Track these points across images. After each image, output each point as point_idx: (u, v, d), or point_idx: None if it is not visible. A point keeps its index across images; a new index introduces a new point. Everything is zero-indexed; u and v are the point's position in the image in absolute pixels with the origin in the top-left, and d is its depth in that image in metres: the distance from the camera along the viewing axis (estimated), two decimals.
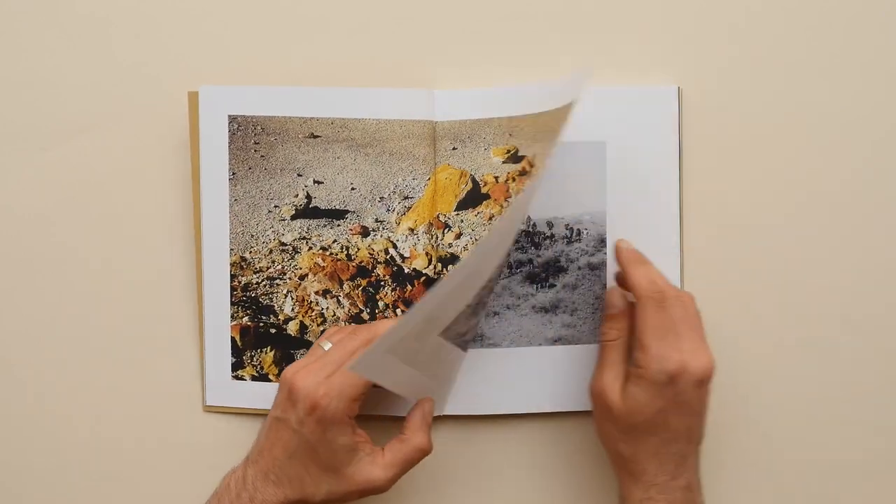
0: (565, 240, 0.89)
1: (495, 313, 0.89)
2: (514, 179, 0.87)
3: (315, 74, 0.88)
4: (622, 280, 0.84)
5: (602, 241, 0.89)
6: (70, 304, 0.90)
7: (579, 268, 0.89)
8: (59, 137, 0.89)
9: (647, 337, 0.79)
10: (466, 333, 0.83)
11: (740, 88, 0.89)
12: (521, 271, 0.89)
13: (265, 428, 0.81)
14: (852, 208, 0.90)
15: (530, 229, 0.89)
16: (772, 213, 0.89)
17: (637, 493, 0.80)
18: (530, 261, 0.89)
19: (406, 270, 0.88)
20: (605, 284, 0.89)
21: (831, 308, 0.90)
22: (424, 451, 0.82)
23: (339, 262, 0.88)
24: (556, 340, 0.89)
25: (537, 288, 0.89)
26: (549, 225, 0.89)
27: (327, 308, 0.89)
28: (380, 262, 0.88)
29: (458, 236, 0.88)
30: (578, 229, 0.89)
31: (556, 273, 0.89)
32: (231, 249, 0.88)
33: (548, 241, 0.89)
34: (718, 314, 0.89)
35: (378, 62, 0.89)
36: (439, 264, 0.88)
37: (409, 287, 0.88)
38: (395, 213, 0.88)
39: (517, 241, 0.88)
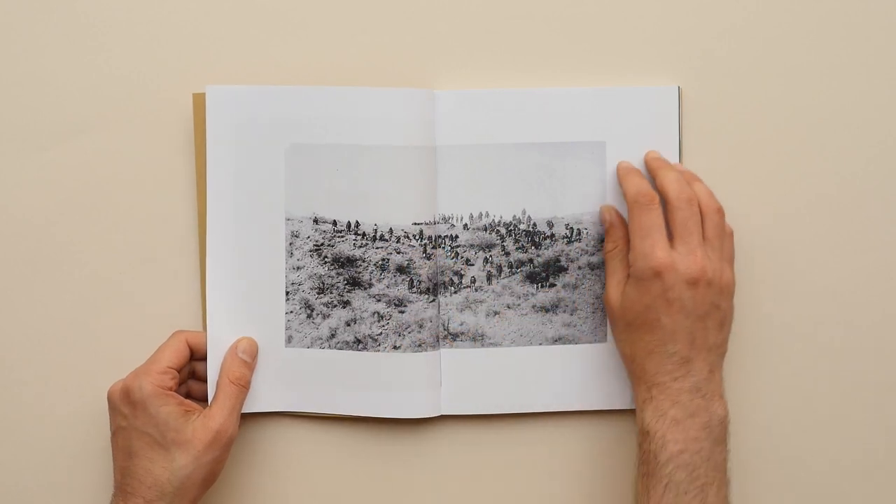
0: (565, 239, 0.89)
1: (495, 313, 0.89)
2: None
3: (316, 75, 0.89)
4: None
5: (602, 241, 0.89)
6: (70, 306, 0.90)
7: (579, 267, 0.89)
8: (59, 138, 0.89)
9: (633, 237, 0.83)
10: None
11: (740, 88, 0.89)
12: (521, 271, 0.89)
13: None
14: (853, 207, 0.90)
15: (530, 229, 0.89)
16: (771, 212, 0.89)
17: (641, 393, 0.83)
18: (530, 260, 0.89)
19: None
20: (605, 284, 0.89)
21: (832, 307, 0.90)
22: (233, 381, 0.85)
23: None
24: (556, 340, 0.89)
25: (537, 287, 0.89)
26: (550, 224, 0.89)
27: None
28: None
29: None
30: (578, 229, 0.89)
31: (557, 273, 0.89)
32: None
33: (548, 241, 0.89)
34: None
35: (379, 62, 0.89)
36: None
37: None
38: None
39: (517, 241, 0.89)
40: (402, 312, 0.88)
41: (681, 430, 0.80)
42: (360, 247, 0.87)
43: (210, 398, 0.86)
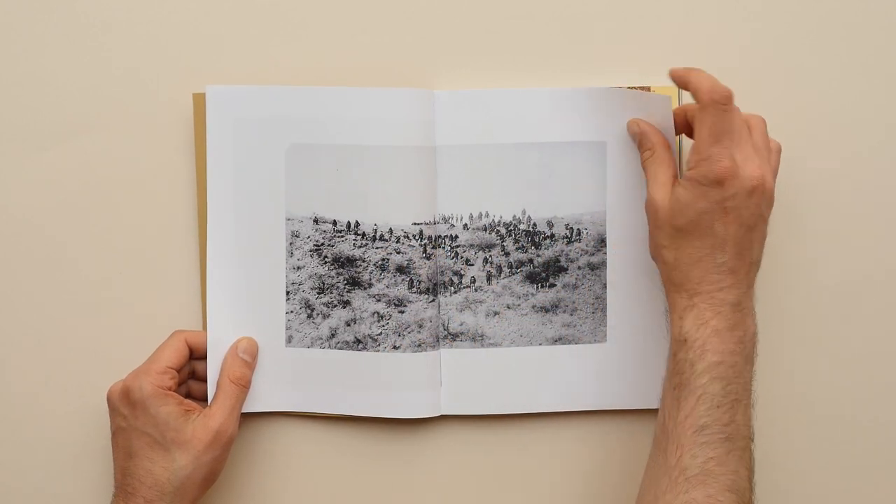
0: (565, 239, 0.89)
1: (495, 313, 0.89)
2: None
3: (316, 75, 0.89)
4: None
5: (602, 241, 0.89)
6: (70, 306, 0.90)
7: (579, 267, 0.89)
8: (59, 138, 0.89)
9: (703, 139, 0.78)
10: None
11: (739, 88, 0.88)
12: (521, 271, 0.89)
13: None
14: (852, 207, 0.90)
15: (530, 229, 0.89)
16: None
17: (681, 301, 0.79)
18: (530, 260, 0.89)
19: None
20: (605, 284, 0.89)
21: (832, 304, 0.90)
22: (234, 381, 0.85)
23: None
24: (556, 340, 0.89)
25: (537, 287, 0.89)
26: (549, 224, 0.89)
27: None
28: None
29: None
30: (578, 229, 0.89)
31: (556, 273, 0.89)
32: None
33: (548, 241, 0.89)
34: None
35: (379, 62, 0.89)
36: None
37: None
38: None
39: (517, 241, 0.89)
40: (401, 312, 0.88)
41: (720, 341, 0.77)
42: (360, 247, 0.88)
43: (210, 398, 0.86)
